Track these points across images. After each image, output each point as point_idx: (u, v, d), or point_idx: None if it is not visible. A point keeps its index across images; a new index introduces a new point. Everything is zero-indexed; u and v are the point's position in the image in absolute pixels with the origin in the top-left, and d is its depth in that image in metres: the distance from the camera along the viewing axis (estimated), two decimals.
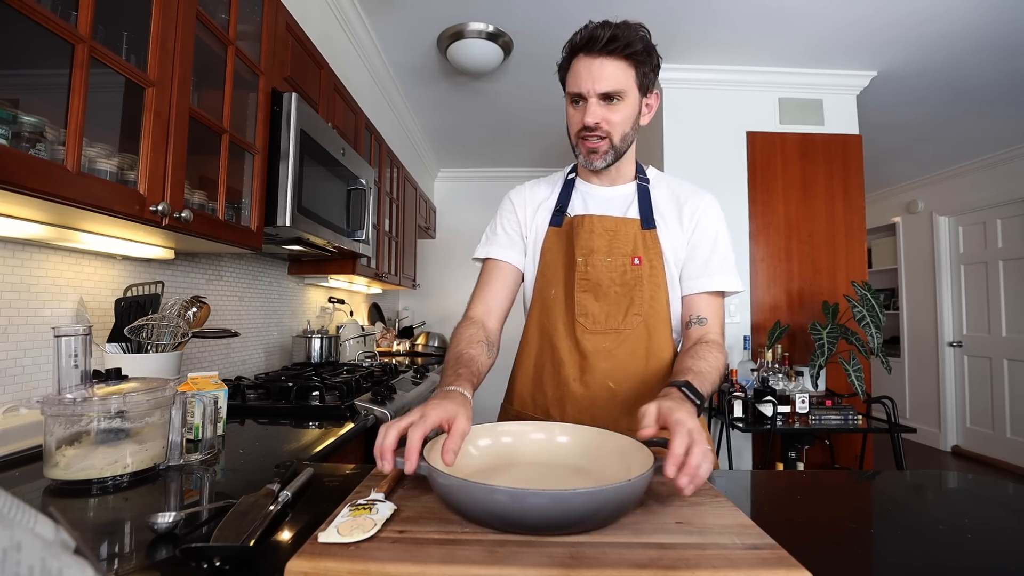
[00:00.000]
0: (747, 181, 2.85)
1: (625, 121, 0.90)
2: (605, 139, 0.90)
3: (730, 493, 0.79)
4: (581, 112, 0.89)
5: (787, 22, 2.35)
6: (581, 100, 0.89)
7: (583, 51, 0.87)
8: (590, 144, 0.91)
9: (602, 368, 0.93)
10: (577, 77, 0.88)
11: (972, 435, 4.21)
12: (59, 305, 1.15)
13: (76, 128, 0.83)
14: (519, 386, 1.04)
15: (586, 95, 0.87)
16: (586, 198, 1.00)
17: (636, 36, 0.86)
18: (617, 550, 0.50)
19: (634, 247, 0.94)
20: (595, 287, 0.94)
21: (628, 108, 0.89)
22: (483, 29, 2.40)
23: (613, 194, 0.99)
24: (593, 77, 0.86)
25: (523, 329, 1.06)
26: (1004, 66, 2.64)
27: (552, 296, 0.98)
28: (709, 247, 0.95)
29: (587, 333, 0.94)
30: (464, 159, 4.45)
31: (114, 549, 0.58)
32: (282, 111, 1.45)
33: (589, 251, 0.94)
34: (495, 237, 1.04)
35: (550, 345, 0.98)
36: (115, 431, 0.80)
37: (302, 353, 2.20)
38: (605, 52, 0.85)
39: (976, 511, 0.72)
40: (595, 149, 0.91)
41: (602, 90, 0.86)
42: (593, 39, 0.85)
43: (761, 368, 2.51)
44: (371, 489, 0.63)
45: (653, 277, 0.94)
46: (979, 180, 4.13)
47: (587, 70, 0.86)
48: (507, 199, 1.07)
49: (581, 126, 0.90)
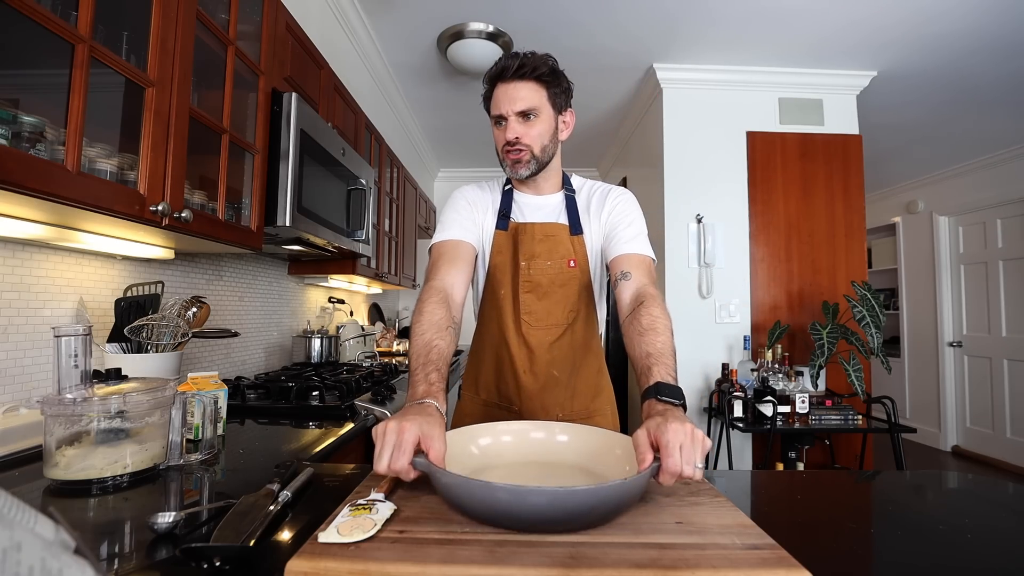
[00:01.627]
0: (747, 181, 2.85)
1: (542, 135, 1.01)
2: (525, 151, 1.01)
3: (730, 493, 0.79)
4: (503, 131, 1.01)
5: (787, 22, 2.35)
6: (503, 120, 1.00)
7: (499, 80, 1.00)
8: (513, 156, 1.01)
9: (546, 359, 1.06)
10: (497, 101, 1.00)
11: (972, 435, 4.21)
12: (59, 305, 1.15)
13: (76, 128, 0.82)
14: (484, 378, 1.15)
15: (505, 115, 0.99)
16: (522, 207, 1.10)
17: (542, 62, 0.98)
18: (617, 550, 0.50)
19: (568, 251, 1.05)
20: (536, 287, 1.04)
21: (543, 124, 1.01)
22: (483, 29, 2.40)
23: (544, 203, 1.10)
24: (510, 99, 0.98)
25: (477, 325, 1.17)
26: (1004, 66, 2.64)
27: (502, 296, 1.08)
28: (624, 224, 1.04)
29: (532, 329, 1.06)
30: (464, 159, 4.45)
31: (114, 549, 0.58)
32: (282, 111, 1.45)
33: (531, 255, 1.05)
34: (454, 223, 1.07)
35: (504, 341, 1.08)
36: (115, 431, 0.80)
37: (302, 353, 2.20)
38: (517, 77, 0.98)
39: (976, 511, 0.72)
40: (518, 160, 1.01)
41: (518, 109, 0.98)
42: (506, 68, 0.98)
43: (761, 368, 2.51)
44: (371, 489, 0.63)
45: (583, 276, 1.06)
46: (979, 180, 4.13)
47: (504, 94, 0.99)
48: (459, 195, 1.13)
49: (504, 142, 1.01)
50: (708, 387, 2.77)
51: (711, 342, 2.79)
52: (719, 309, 2.80)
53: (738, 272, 2.82)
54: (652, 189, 3.07)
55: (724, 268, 2.81)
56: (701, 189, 2.84)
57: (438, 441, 0.63)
